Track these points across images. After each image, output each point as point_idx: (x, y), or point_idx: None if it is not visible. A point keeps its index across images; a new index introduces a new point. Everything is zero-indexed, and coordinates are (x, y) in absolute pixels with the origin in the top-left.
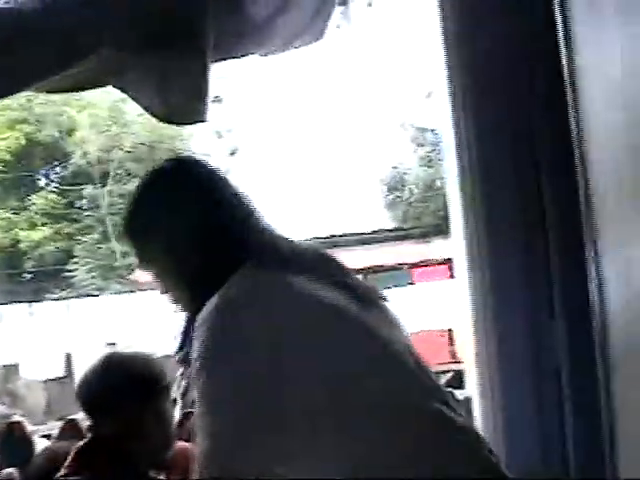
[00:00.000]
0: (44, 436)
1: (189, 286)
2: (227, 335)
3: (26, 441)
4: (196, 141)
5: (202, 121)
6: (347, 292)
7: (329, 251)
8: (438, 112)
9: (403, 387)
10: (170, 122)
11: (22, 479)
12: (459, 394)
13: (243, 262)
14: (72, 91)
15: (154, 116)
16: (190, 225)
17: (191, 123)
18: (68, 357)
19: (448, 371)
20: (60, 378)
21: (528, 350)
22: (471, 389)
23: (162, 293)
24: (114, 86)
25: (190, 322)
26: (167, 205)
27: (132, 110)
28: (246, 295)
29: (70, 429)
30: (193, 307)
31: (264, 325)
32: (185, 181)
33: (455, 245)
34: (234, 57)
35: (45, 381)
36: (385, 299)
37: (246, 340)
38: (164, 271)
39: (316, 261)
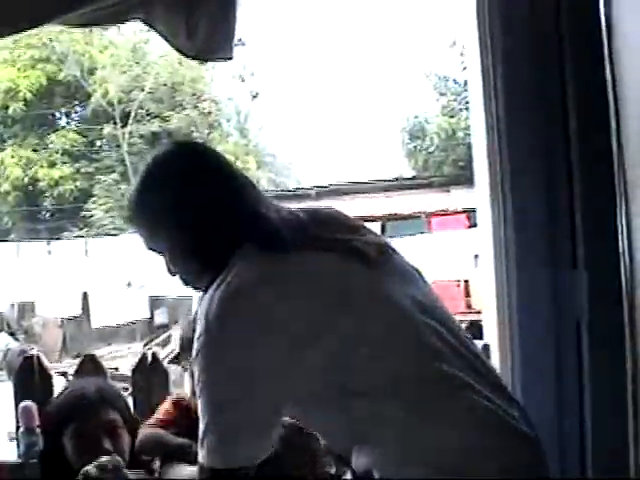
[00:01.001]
0: (61, 373)
1: (194, 268)
2: (222, 326)
3: (44, 376)
4: (218, 84)
5: (228, 58)
6: (355, 258)
7: (340, 203)
8: (463, 61)
9: (413, 353)
10: (196, 58)
11: (42, 414)
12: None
13: (244, 243)
14: (98, 25)
15: (180, 52)
16: (193, 208)
17: (216, 59)
18: (85, 296)
19: (463, 321)
20: (76, 317)
21: (548, 301)
22: (489, 338)
23: (171, 274)
24: (141, 20)
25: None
26: (171, 189)
27: (154, 51)
28: (241, 283)
29: (89, 365)
30: (199, 287)
31: (259, 312)
32: (187, 164)
33: (478, 195)
34: None
35: (61, 319)
36: (395, 251)
37: (246, 330)
38: (170, 254)
39: (320, 230)
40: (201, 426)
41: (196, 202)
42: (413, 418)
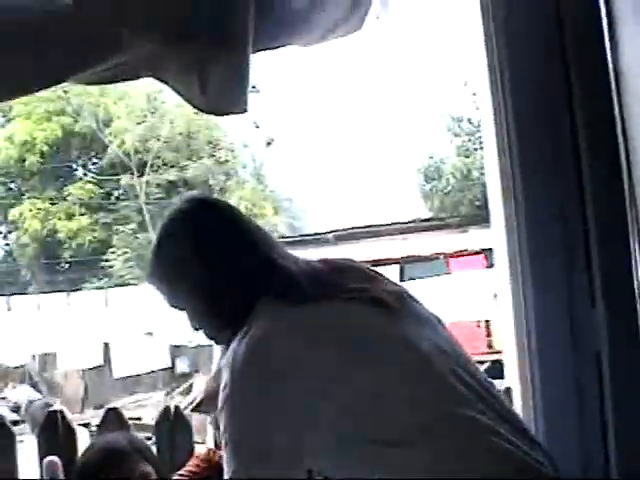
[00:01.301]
0: (83, 425)
1: (215, 323)
2: (247, 378)
3: (68, 430)
4: (233, 131)
5: (242, 112)
6: (373, 305)
7: (359, 246)
8: (476, 100)
9: (432, 398)
10: (210, 113)
11: (73, 470)
12: (498, 384)
13: (264, 297)
14: (110, 83)
15: (194, 107)
16: (209, 264)
17: (231, 114)
18: (106, 346)
19: (485, 362)
20: (98, 367)
21: (568, 339)
22: (510, 378)
23: (194, 329)
24: (154, 77)
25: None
26: (186, 247)
27: (169, 100)
28: (263, 336)
29: (112, 417)
30: (222, 340)
31: (282, 365)
32: (201, 221)
33: (494, 234)
34: (274, 48)
35: (83, 370)
36: (414, 299)
37: (268, 381)
38: (190, 310)
39: (338, 280)
40: (227, 476)
41: (211, 258)
42: (436, 465)
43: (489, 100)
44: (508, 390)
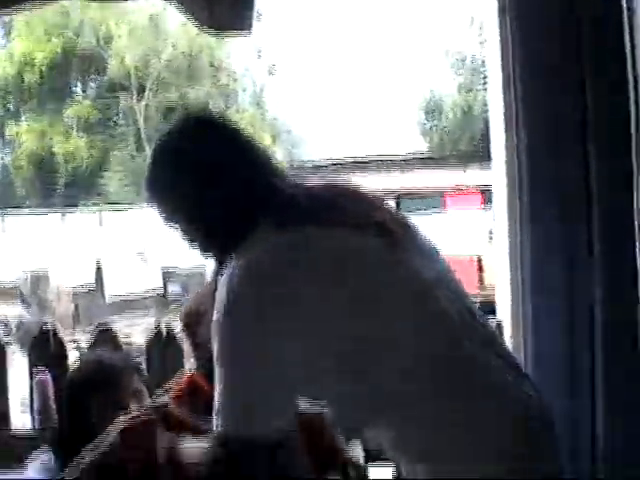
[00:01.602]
0: (73, 342)
1: (210, 241)
2: (243, 300)
3: (60, 348)
4: (235, 56)
5: (247, 32)
6: (374, 233)
7: (355, 177)
8: (480, 37)
9: (431, 330)
10: (214, 30)
11: (64, 385)
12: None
13: (263, 218)
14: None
15: (198, 24)
16: (210, 182)
17: (235, 33)
18: (98, 267)
19: (477, 295)
20: (89, 288)
21: (562, 282)
22: (501, 314)
23: (189, 246)
24: None
25: (216, 272)
26: (187, 162)
27: (172, 20)
28: (262, 259)
29: (104, 335)
30: (218, 259)
31: (280, 288)
32: (204, 137)
33: (494, 171)
34: None
35: (74, 290)
36: (415, 228)
37: (262, 304)
38: (188, 227)
39: (340, 205)
40: (218, 397)
41: (211, 176)
42: (429, 395)
43: (496, 34)
44: (499, 325)
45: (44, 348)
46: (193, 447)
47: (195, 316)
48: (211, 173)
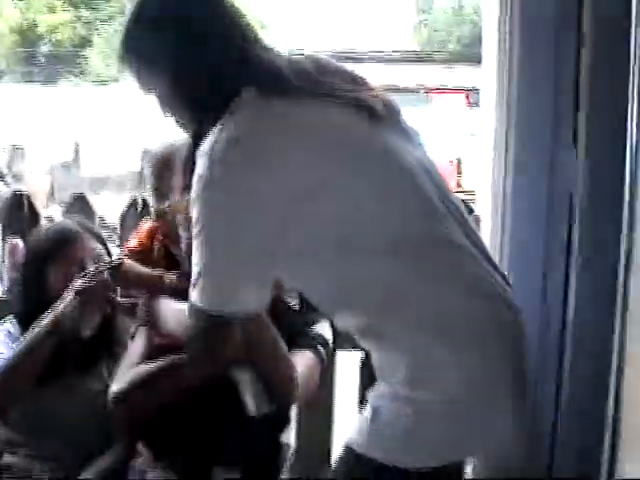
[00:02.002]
0: (46, 218)
1: (190, 111)
2: (226, 168)
3: (32, 214)
4: None
5: None
6: (359, 109)
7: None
8: None
9: (415, 212)
10: None
11: (28, 250)
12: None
13: (244, 86)
14: None
15: None
16: (193, 44)
17: None
18: (76, 143)
19: None
20: (66, 163)
21: (545, 176)
22: (480, 215)
23: (165, 116)
24: None
25: (193, 147)
26: (170, 22)
27: None
28: (246, 127)
29: (78, 205)
30: (195, 131)
31: (264, 157)
32: None
33: (483, 72)
34: None
35: (51, 166)
36: (399, 111)
37: (246, 173)
38: (164, 95)
39: (324, 78)
40: (196, 267)
41: (194, 37)
42: (411, 278)
43: None
44: (477, 219)
45: (17, 216)
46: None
47: (163, 162)
48: (194, 34)
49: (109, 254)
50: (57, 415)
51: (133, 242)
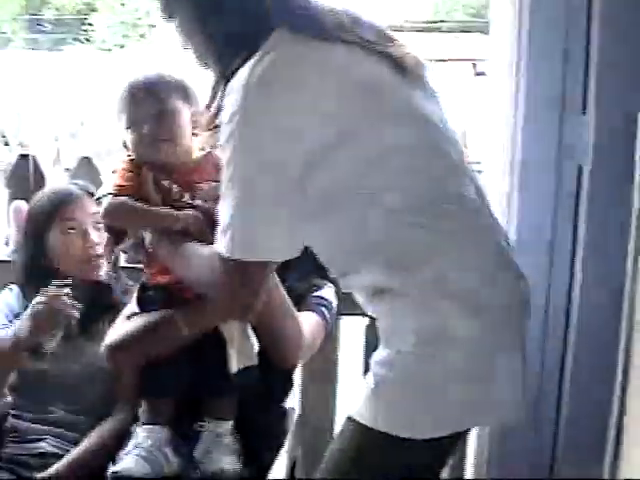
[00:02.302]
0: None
1: (216, 48)
2: (258, 106)
3: (39, 176)
4: None
5: None
6: (389, 62)
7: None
8: None
9: (439, 169)
10: None
11: (28, 213)
12: None
13: (276, 26)
14: None
15: None
16: None
17: None
18: (82, 111)
19: None
20: (72, 131)
21: (554, 147)
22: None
23: (185, 48)
24: None
25: (217, 86)
26: None
27: None
28: (282, 62)
29: (85, 168)
30: (221, 70)
31: (297, 98)
32: None
33: (492, 41)
34: None
35: (56, 134)
36: (426, 71)
37: (278, 112)
38: (190, 28)
39: (356, 28)
40: (227, 211)
41: None
42: (435, 237)
43: None
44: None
45: (23, 176)
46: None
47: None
48: None
49: None
50: (60, 378)
51: (117, 179)
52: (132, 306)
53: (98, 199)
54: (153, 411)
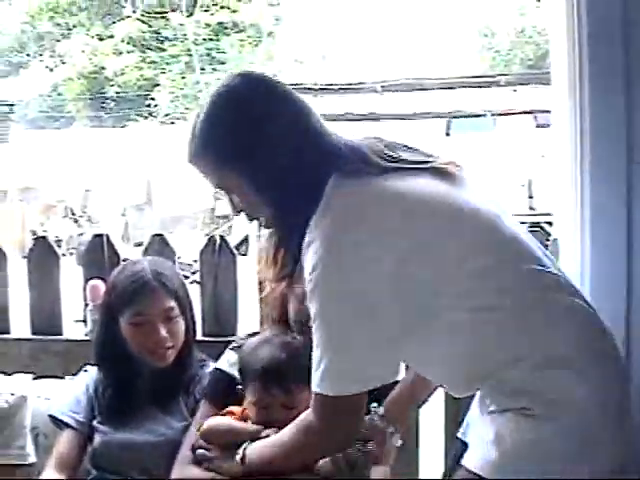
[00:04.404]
0: (123, 260)
1: (276, 206)
2: (341, 250)
3: (113, 255)
4: None
5: None
6: (435, 173)
7: (407, 98)
8: None
9: (510, 259)
10: None
11: (104, 293)
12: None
13: (331, 174)
14: None
15: None
16: (269, 142)
17: None
18: (148, 184)
19: (526, 223)
20: (139, 204)
21: (622, 199)
22: (559, 237)
23: (235, 212)
24: None
25: (283, 241)
26: (245, 122)
27: None
28: (352, 207)
29: (157, 245)
30: (283, 226)
31: (370, 231)
32: (257, 96)
33: (554, 93)
34: None
35: (124, 207)
36: (463, 170)
37: (360, 253)
38: (244, 193)
39: (396, 153)
40: (318, 352)
41: (282, 137)
42: (524, 326)
43: None
44: (555, 241)
45: (98, 256)
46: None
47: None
48: (270, 132)
49: (187, 305)
50: (138, 449)
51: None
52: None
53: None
54: None
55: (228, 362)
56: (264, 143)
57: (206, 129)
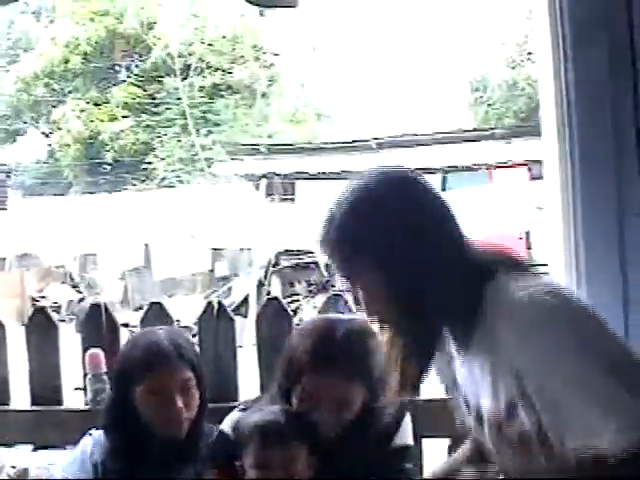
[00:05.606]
0: (123, 325)
1: (414, 306)
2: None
3: (111, 324)
4: (278, 37)
5: (292, 5)
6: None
7: (401, 154)
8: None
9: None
10: (259, 5)
11: (115, 362)
12: None
13: (496, 272)
14: None
15: None
16: (417, 239)
17: (281, 6)
18: (146, 248)
19: None
20: (137, 268)
21: (615, 253)
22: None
23: (357, 304)
24: None
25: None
26: (389, 216)
27: (214, 2)
28: (534, 291)
29: (156, 313)
30: (416, 329)
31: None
32: (402, 192)
33: (544, 145)
34: None
35: (123, 271)
36: None
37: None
38: (375, 289)
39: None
40: (594, 413)
41: (432, 232)
42: None
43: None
44: None
45: (96, 325)
46: None
47: None
48: (420, 228)
49: (201, 374)
50: None
51: None
52: None
53: None
54: None
55: (232, 421)
56: (409, 241)
57: (346, 218)
